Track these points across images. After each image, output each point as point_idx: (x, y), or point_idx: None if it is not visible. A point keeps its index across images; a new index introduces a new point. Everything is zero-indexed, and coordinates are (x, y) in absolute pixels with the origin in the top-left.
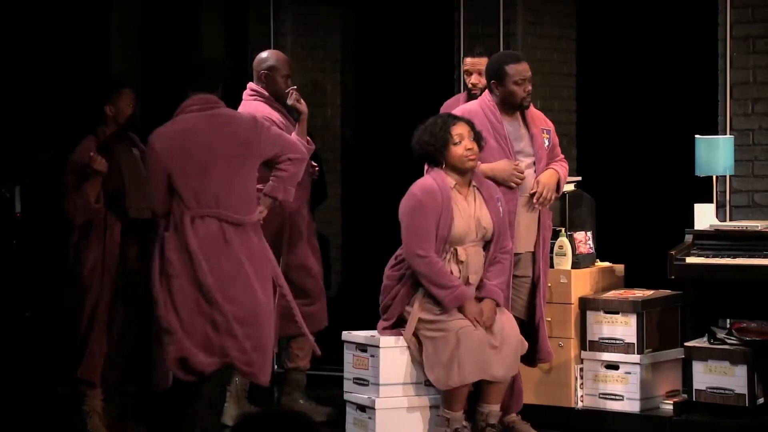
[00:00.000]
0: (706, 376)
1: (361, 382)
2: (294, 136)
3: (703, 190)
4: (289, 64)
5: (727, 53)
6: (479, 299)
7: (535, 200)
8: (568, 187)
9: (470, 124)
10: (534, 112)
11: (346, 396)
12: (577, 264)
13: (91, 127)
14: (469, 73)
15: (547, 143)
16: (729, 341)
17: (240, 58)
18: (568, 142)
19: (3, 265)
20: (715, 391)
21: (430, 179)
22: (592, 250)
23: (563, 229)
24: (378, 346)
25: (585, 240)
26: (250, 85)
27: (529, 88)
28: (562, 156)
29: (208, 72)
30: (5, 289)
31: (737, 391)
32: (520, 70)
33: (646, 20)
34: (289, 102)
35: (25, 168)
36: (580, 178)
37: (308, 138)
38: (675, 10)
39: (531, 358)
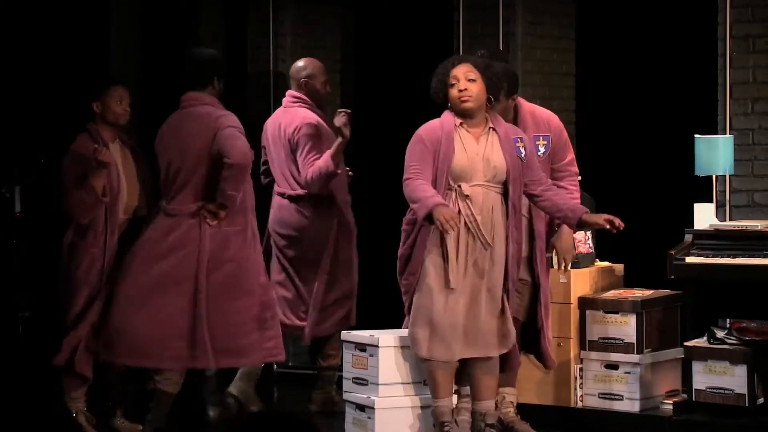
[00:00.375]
0: (706, 376)
1: (360, 381)
2: (327, 154)
3: (702, 189)
4: (324, 70)
5: (726, 52)
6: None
7: (561, 269)
8: None
9: (474, 64)
10: (537, 116)
11: (345, 396)
12: (576, 264)
13: (83, 125)
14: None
15: (543, 150)
16: (729, 341)
17: (240, 58)
18: None
19: (2, 264)
20: (714, 391)
21: (437, 119)
22: (592, 250)
23: None
24: (377, 346)
25: (584, 240)
26: (291, 92)
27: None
28: (571, 171)
29: (196, 70)
30: (5, 288)
31: (737, 391)
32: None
33: (645, 19)
34: (337, 123)
35: (25, 168)
36: (579, 178)
37: (346, 169)
38: (674, 10)
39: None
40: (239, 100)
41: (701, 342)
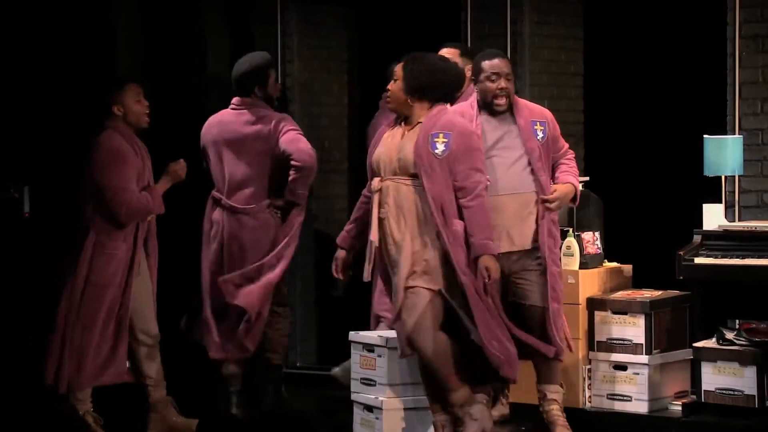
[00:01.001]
0: (715, 377)
1: (368, 382)
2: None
3: (711, 190)
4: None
5: (735, 52)
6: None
7: (544, 203)
8: None
9: (402, 63)
10: (528, 105)
11: (353, 396)
12: (585, 264)
13: (92, 126)
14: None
15: (541, 135)
16: (738, 342)
17: None
18: (576, 142)
19: (11, 265)
20: (723, 392)
21: None
22: (600, 251)
23: (571, 230)
24: (385, 347)
25: (593, 240)
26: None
27: (503, 84)
28: (567, 148)
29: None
30: (13, 288)
31: (746, 392)
32: (492, 65)
33: (654, 19)
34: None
35: (34, 168)
36: (587, 178)
37: None
38: (683, 9)
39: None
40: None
41: (710, 343)
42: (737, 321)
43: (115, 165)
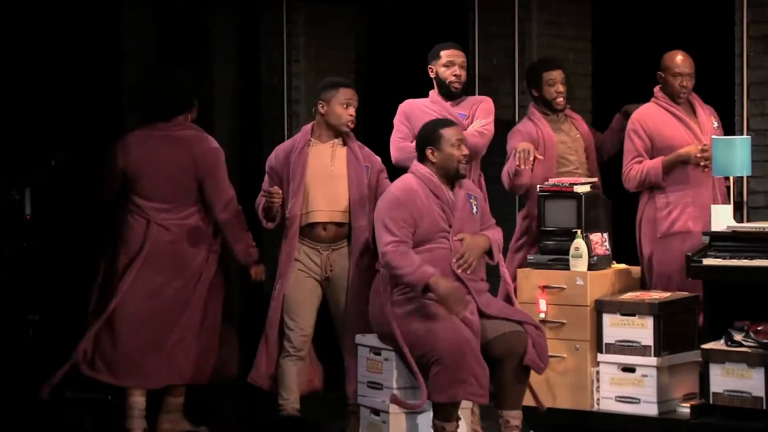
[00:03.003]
0: (724, 379)
1: (374, 385)
2: None
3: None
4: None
5: (744, 53)
6: None
7: (455, 263)
8: (584, 189)
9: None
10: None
11: (360, 400)
12: (593, 266)
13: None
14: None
15: (475, 210)
16: (746, 343)
17: (253, 60)
18: None
19: (13, 267)
20: (732, 394)
21: None
22: (609, 252)
23: (579, 231)
24: (392, 350)
25: (601, 241)
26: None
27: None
28: (493, 222)
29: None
30: (15, 291)
31: (755, 394)
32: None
33: (662, 20)
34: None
35: (36, 170)
36: (596, 179)
37: None
38: (691, 10)
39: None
40: (254, 100)
41: (719, 344)
42: (746, 322)
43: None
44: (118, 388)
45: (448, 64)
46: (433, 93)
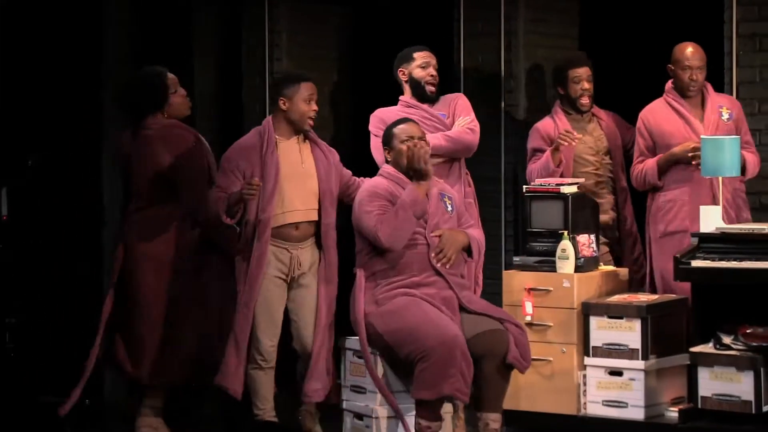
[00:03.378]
0: (712, 383)
1: (358, 389)
2: None
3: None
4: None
5: (733, 51)
6: None
7: (434, 257)
8: (571, 189)
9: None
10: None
11: (344, 404)
12: (580, 267)
13: (73, 127)
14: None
15: (450, 209)
16: (735, 347)
17: (234, 57)
18: None
19: None
20: (721, 397)
21: None
22: (596, 254)
23: (566, 232)
24: (376, 354)
25: (588, 243)
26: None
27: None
28: (473, 223)
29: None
30: None
31: (743, 397)
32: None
33: (650, 17)
34: None
35: (12, 170)
36: (583, 180)
37: None
38: (680, 7)
39: None
40: (235, 99)
41: (707, 348)
42: (735, 325)
43: None
44: (97, 393)
45: (424, 65)
46: (405, 97)
